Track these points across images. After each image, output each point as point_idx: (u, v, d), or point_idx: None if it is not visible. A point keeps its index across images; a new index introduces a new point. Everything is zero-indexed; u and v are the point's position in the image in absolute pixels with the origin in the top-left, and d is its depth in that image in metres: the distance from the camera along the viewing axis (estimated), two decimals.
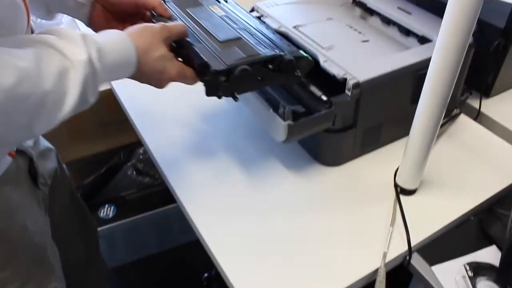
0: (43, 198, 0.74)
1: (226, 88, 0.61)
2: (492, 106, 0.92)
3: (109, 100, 1.00)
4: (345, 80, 0.70)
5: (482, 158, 0.81)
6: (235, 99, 0.64)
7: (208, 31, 0.69)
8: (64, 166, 0.89)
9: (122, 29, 0.60)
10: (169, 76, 0.62)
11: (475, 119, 0.92)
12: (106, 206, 1.40)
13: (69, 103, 0.50)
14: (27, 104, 0.46)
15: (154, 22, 0.67)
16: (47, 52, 0.49)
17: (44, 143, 0.81)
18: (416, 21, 0.85)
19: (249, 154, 0.82)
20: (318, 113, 0.68)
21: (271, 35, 0.71)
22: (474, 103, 0.93)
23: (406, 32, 0.86)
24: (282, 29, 0.83)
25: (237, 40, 0.67)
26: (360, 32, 0.85)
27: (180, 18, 0.73)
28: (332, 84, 0.72)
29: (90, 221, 1.01)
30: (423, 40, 0.82)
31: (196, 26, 0.70)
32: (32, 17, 0.62)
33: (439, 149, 0.82)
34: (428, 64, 0.74)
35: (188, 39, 0.66)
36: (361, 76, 0.70)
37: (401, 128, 0.83)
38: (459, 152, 0.82)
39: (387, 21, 0.89)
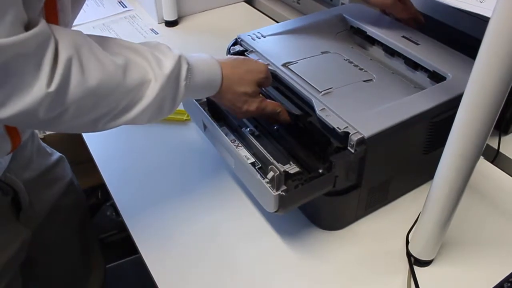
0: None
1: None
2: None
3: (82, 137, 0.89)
4: (346, 134, 0.58)
5: (509, 214, 0.70)
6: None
7: None
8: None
9: None
10: (247, 110, 0.63)
11: (493, 161, 0.80)
12: None
13: (137, 110, 0.51)
14: (101, 103, 0.48)
15: None
16: (137, 60, 0.51)
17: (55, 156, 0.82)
18: (424, 52, 0.73)
19: (230, 212, 0.70)
20: (315, 179, 0.56)
21: None
22: (489, 140, 0.81)
23: (414, 65, 0.74)
24: (270, 68, 0.71)
25: None
26: (361, 69, 0.73)
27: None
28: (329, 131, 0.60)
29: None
30: (434, 76, 0.71)
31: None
32: None
33: None
34: (444, 109, 0.63)
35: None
36: (366, 130, 0.58)
37: (411, 181, 0.72)
38: (481, 207, 0.71)
39: (391, 52, 0.78)
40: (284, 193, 0.54)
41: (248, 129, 0.69)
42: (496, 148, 0.80)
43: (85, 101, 0.47)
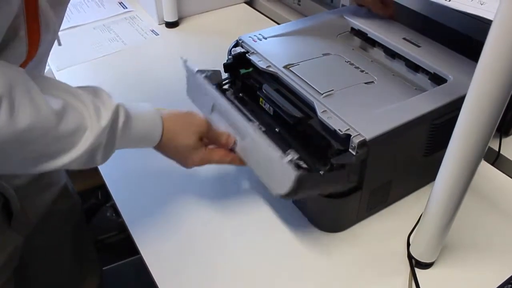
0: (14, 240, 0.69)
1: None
2: None
3: None
4: (348, 136, 0.58)
5: (510, 216, 0.70)
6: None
7: None
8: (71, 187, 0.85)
9: None
10: (192, 162, 0.64)
11: (494, 163, 0.80)
12: None
13: (68, 158, 0.50)
14: (28, 148, 0.47)
15: None
16: (76, 106, 0.50)
17: None
18: (425, 54, 0.73)
19: (231, 213, 0.70)
20: (333, 171, 0.57)
21: None
22: (490, 142, 0.81)
23: (415, 67, 0.74)
24: (271, 69, 0.71)
25: None
26: (362, 71, 0.73)
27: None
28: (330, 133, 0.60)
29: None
30: (435, 78, 0.71)
31: None
32: None
33: None
34: (446, 111, 0.63)
35: None
36: (368, 132, 0.58)
37: (412, 183, 0.72)
38: (482, 209, 0.71)
39: (392, 54, 0.78)
40: (303, 173, 0.54)
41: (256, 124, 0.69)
42: (497, 150, 0.80)
43: (11, 144, 0.45)
